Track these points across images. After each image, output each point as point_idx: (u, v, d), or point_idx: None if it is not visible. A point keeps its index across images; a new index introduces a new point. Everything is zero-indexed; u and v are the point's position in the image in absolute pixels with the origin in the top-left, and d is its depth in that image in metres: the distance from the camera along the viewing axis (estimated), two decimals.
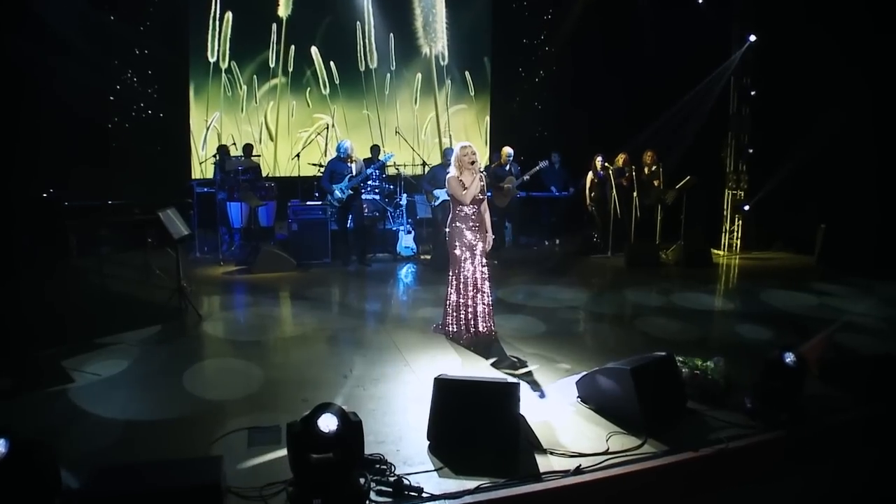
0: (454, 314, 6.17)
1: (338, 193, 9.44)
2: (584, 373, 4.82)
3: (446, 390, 3.90)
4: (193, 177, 11.64)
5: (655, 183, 11.14)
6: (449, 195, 6.19)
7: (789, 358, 4.50)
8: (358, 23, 13.07)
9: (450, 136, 13.92)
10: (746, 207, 11.99)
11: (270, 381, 5.11)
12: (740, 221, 12.17)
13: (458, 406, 3.86)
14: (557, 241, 12.24)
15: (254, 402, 4.67)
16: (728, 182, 12.22)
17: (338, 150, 9.65)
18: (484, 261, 6.21)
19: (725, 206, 12.24)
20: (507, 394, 3.87)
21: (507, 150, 10.92)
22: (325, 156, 11.45)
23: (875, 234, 9.90)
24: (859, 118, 9.82)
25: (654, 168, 11.23)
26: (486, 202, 6.23)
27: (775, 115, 11.12)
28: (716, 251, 11.55)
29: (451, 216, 6.17)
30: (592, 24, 12.60)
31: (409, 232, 10.63)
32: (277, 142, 12.59)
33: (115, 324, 6.39)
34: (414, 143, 12.44)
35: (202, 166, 11.62)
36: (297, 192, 10.66)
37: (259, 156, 11.11)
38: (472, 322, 6.14)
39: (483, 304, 6.18)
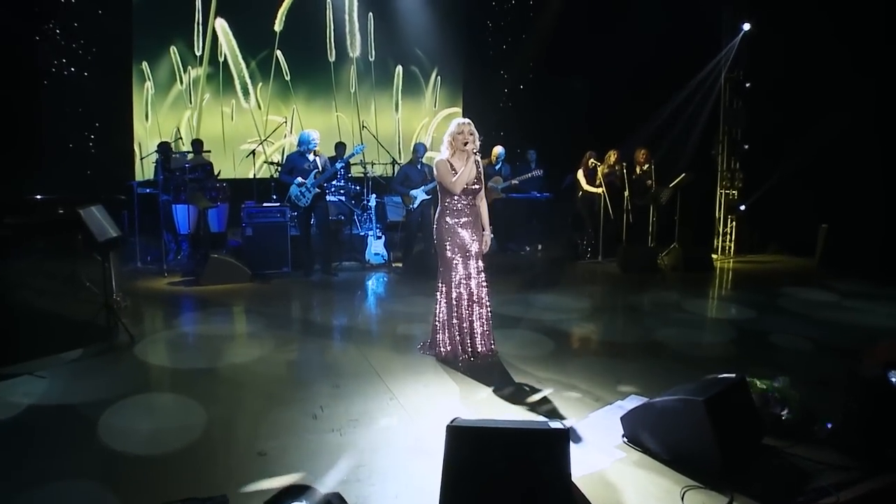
0: (446, 331, 5.05)
1: (296, 190, 8.23)
2: (628, 403, 3.77)
3: (465, 442, 2.75)
4: (136, 177, 10.29)
5: (648, 182, 10.20)
6: (436, 183, 5.09)
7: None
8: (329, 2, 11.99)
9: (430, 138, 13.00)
10: (742, 208, 11.16)
11: (217, 424, 3.90)
12: (734, 223, 11.35)
13: (484, 465, 2.72)
14: (539, 247, 11.22)
15: (193, 458, 3.46)
16: (722, 181, 11.38)
17: (301, 142, 8.42)
18: (481, 265, 5.12)
19: (718, 207, 11.41)
20: (553, 445, 2.74)
21: (498, 148, 10.19)
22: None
23: (880, 234, 9.19)
24: (861, 111, 9.17)
25: (646, 167, 10.30)
26: (483, 193, 5.14)
27: (771, 108, 10.35)
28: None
29: (439, 210, 5.07)
30: (574, 14, 11.65)
31: (378, 237, 9.49)
32: (225, 142, 11.29)
33: (23, 349, 5.10)
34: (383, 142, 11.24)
35: (142, 163, 10.27)
36: (253, 194, 9.42)
37: (209, 151, 9.83)
38: (469, 340, 5.04)
39: (481, 318, 5.08)
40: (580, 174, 10.30)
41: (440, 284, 5.08)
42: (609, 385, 4.57)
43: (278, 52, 11.64)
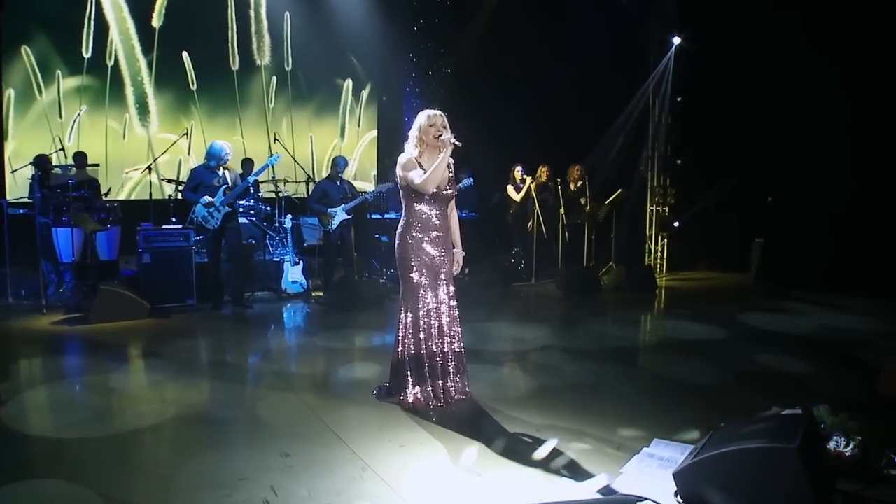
0: (413, 373, 4.10)
1: (203, 210, 7.09)
2: (658, 450, 3.03)
3: None
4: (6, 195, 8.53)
5: (583, 200, 9.66)
6: (399, 187, 4.16)
7: None
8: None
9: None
10: (676, 224, 10.84)
11: None
12: (665, 240, 11.02)
13: None
14: (466, 270, 10.40)
15: None
16: (652, 197, 11.04)
17: (210, 154, 7.25)
18: (452, 290, 4.23)
19: (649, 224, 11.07)
20: None
21: None
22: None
23: (814, 247, 9.07)
24: (792, 123, 9.08)
25: (580, 183, 9.75)
26: (454, 203, 4.27)
27: (702, 123, 10.11)
28: None
29: (403, 222, 4.15)
30: (503, 29, 11.02)
31: (296, 263, 8.40)
32: (108, 166, 9.51)
33: None
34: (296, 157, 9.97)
35: (13, 177, 8.63)
36: (150, 216, 8.13)
37: (97, 165, 8.44)
38: (441, 384, 4.11)
39: (454, 355, 4.18)
40: (510, 189, 9.64)
41: (403, 314, 4.15)
42: (612, 427, 3.82)
43: (185, 55, 10.12)
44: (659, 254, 11.07)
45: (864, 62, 8.35)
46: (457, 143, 3.92)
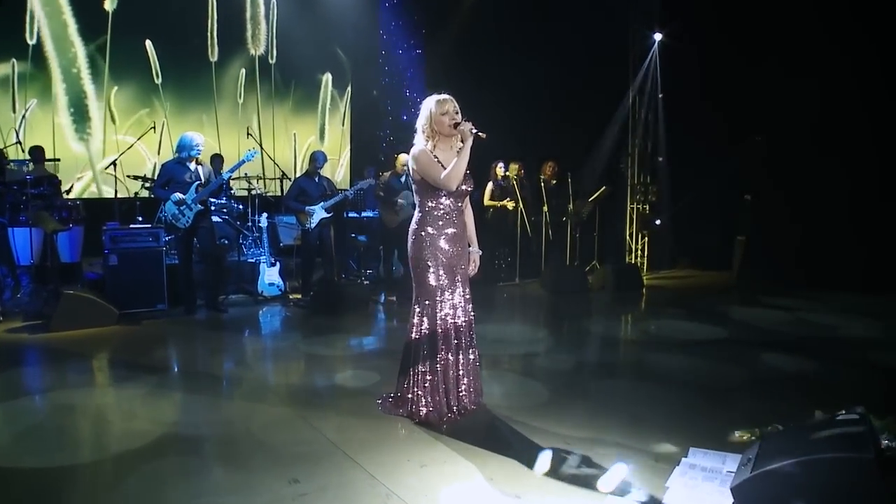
0: (425, 383, 3.75)
1: (173, 208, 6.62)
2: (698, 460, 2.88)
3: None
4: None
5: (553, 202, 9.44)
6: (413, 182, 3.81)
7: None
8: None
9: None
10: (658, 222, 10.70)
11: None
12: (646, 239, 10.87)
13: None
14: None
15: None
16: (633, 195, 10.88)
17: (181, 147, 6.77)
18: (468, 293, 3.90)
19: (629, 222, 10.91)
20: None
21: (404, 156, 8.78)
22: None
23: (796, 244, 8.99)
24: (770, 120, 8.94)
25: (553, 182, 9.52)
26: (468, 197, 3.94)
27: (684, 119, 9.99)
28: None
29: (417, 218, 3.82)
30: (482, 26, 10.73)
31: (272, 264, 7.97)
32: (59, 170, 8.59)
33: None
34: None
35: None
36: (114, 215, 7.63)
37: (58, 160, 7.89)
38: (455, 394, 3.78)
39: (468, 363, 3.85)
40: (488, 189, 9.35)
41: (417, 319, 3.80)
42: (642, 436, 3.56)
43: (148, 44, 9.46)
44: (640, 252, 10.92)
45: (849, 56, 8.29)
46: (481, 134, 3.59)
